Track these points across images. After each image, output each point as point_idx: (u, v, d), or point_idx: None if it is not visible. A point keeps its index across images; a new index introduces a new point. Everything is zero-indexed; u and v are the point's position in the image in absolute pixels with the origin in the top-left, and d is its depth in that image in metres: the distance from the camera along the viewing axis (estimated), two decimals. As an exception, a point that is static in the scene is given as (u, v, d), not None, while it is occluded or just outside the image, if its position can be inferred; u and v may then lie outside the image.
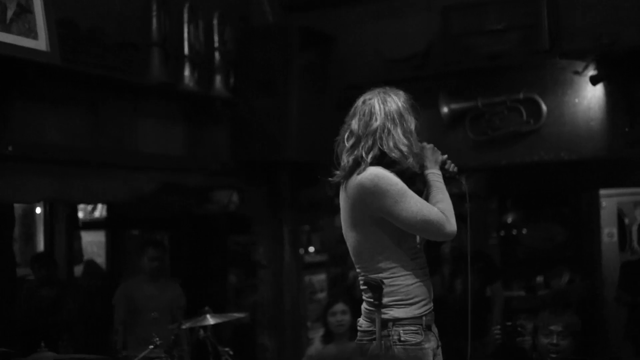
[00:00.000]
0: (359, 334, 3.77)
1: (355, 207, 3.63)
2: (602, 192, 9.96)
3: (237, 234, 8.91)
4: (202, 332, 5.67)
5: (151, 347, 5.35)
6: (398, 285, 3.68)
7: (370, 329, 3.68)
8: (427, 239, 3.79)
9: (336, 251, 9.09)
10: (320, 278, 8.81)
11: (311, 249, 8.71)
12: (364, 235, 3.68)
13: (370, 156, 3.59)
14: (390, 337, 3.64)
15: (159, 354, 5.36)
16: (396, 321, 3.65)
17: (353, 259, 3.80)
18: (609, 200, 10.09)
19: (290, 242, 7.77)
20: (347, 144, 3.67)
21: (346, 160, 3.65)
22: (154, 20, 6.16)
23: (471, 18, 6.89)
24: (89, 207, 9.80)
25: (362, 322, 3.77)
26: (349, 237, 3.75)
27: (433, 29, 7.12)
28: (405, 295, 3.67)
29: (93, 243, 9.92)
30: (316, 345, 6.37)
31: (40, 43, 5.16)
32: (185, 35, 6.46)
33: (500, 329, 5.69)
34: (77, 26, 5.66)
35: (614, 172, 8.84)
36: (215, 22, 6.76)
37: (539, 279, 9.83)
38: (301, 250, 8.26)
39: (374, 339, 3.63)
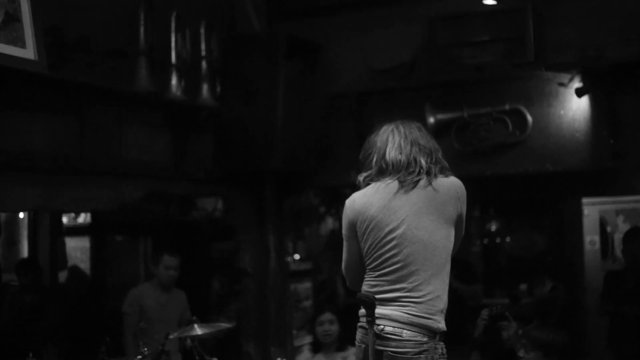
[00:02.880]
0: (397, 343, 3.61)
1: (449, 203, 3.74)
2: (585, 200, 10.03)
3: (222, 242, 8.89)
4: (189, 341, 5.65)
5: (139, 357, 5.32)
6: (447, 294, 3.77)
7: (416, 338, 3.60)
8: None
9: (322, 259, 9.11)
10: (305, 286, 8.82)
11: (296, 256, 8.73)
12: (451, 231, 3.77)
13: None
14: (437, 350, 3.64)
15: (145, 365, 5.33)
16: (443, 334, 3.70)
17: (412, 257, 3.66)
18: (592, 208, 10.16)
19: (275, 250, 7.76)
20: (421, 151, 3.81)
21: (429, 161, 3.79)
22: (141, 29, 6.16)
23: (457, 29, 6.94)
24: (73, 213, 9.76)
25: (401, 331, 3.62)
26: (434, 231, 3.70)
27: (419, 39, 7.15)
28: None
29: (77, 249, 9.88)
30: (305, 354, 6.39)
31: (28, 52, 5.15)
32: (173, 44, 6.45)
33: (489, 312, 5.76)
34: (65, 34, 5.66)
35: (597, 182, 8.89)
36: (202, 30, 6.76)
37: (523, 286, 9.88)
38: (289, 258, 8.27)
39: (425, 351, 3.59)
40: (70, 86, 5.64)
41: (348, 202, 3.90)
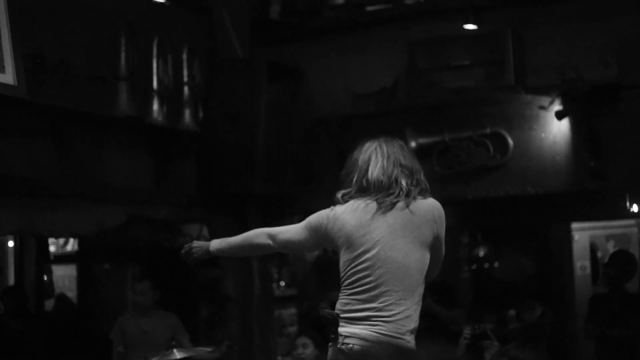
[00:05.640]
0: None
1: (425, 225, 3.72)
2: (574, 225, 10.03)
3: (207, 268, 8.89)
4: (169, 366, 5.64)
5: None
6: (419, 315, 3.75)
7: None
8: (429, 277, 3.84)
9: (307, 285, 9.08)
10: (290, 312, 8.80)
11: (282, 283, 8.72)
12: (425, 254, 3.76)
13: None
14: None
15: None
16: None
17: (384, 277, 3.66)
18: (582, 233, 10.16)
19: (260, 276, 7.77)
20: (402, 172, 3.78)
21: (409, 183, 3.75)
22: (122, 54, 6.20)
23: (437, 54, 7.00)
24: (61, 241, 9.76)
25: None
26: (409, 253, 3.71)
27: (399, 64, 7.23)
28: None
29: (65, 277, 9.87)
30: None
31: (7, 77, 5.18)
32: (154, 69, 6.49)
33: (471, 331, 5.73)
34: (45, 59, 5.69)
35: (583, 206, 8.89)
36: (184, 56, 6.80)
37: (512, 312, 9.83)
38: (274, 284, 8.28)
39: None
40: (51, 111, 5.69)
41: (330, 211, 3.83)
